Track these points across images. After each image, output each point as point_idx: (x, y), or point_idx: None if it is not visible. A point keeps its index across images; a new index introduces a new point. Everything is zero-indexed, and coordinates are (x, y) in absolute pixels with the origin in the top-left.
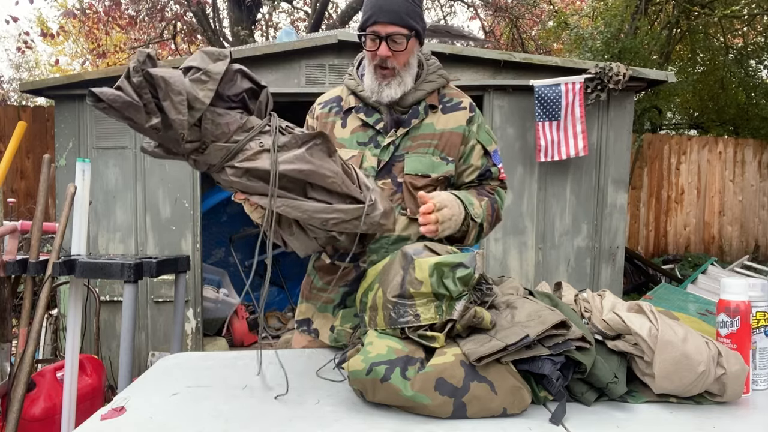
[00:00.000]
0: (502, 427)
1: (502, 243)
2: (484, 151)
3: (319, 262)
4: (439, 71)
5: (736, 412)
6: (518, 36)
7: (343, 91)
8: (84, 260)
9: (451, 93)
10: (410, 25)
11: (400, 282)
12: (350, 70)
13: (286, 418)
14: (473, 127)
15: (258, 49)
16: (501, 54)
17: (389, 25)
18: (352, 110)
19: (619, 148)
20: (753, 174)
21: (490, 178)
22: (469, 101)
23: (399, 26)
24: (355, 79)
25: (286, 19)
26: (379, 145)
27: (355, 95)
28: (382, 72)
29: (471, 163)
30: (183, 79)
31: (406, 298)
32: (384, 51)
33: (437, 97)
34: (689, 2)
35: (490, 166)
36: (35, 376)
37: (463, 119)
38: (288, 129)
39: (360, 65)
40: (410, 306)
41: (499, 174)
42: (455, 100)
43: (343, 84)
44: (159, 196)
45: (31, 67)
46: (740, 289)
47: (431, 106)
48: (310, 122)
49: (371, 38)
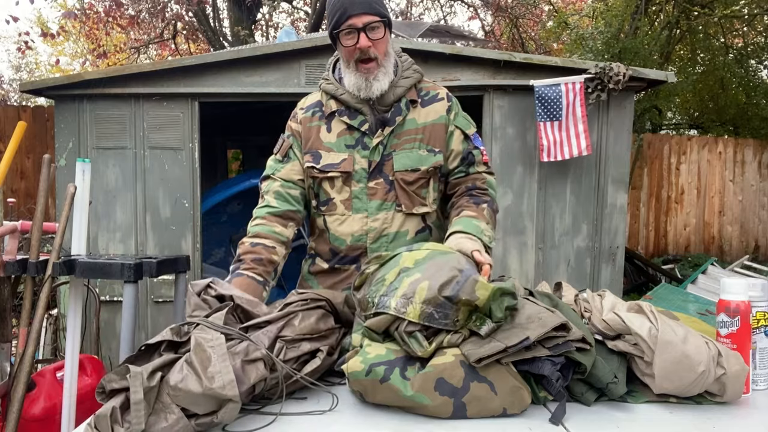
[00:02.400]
0: (502, 427)
1: (502, 243)
2: (464, 135)
3: (315, 267)
4: (413, 66)
5: (736, 412)
6: (518, 36)
7: (321, 96)
8: (84, 260)
9: (427, 86)
10: (382, 12)
11: (455, 286)
12: (326, 75)
13: (286, 419)
14: (451, 115)
15: (258, 49)
16: (501, 54)
17: (364, 15)
18: (334, 114)
19: (619, 148)
20: (753, 174)
21: (474, 162)
22: (445, 92)
23: (373, 14)
24: (333, 83)
25: (286, 19)
26: (367, 146)
27: (335, 99)
28: (365, 66)
29: (452, 149)
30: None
31: (454, 303)
32: (364, 42)
33: (415, 92)
34: (689, 2)
35: (472, 149)
36: (35, 376)
37: (442, 110)
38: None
39: (335, 69)
40: (454, 312)
41: (482, 156)
42: (432, 93)
43: (319, 89)
44: (159, 196)
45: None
46: (740, 289)
47: (411, 101)
48: (294, 126)
49: (347, 33)
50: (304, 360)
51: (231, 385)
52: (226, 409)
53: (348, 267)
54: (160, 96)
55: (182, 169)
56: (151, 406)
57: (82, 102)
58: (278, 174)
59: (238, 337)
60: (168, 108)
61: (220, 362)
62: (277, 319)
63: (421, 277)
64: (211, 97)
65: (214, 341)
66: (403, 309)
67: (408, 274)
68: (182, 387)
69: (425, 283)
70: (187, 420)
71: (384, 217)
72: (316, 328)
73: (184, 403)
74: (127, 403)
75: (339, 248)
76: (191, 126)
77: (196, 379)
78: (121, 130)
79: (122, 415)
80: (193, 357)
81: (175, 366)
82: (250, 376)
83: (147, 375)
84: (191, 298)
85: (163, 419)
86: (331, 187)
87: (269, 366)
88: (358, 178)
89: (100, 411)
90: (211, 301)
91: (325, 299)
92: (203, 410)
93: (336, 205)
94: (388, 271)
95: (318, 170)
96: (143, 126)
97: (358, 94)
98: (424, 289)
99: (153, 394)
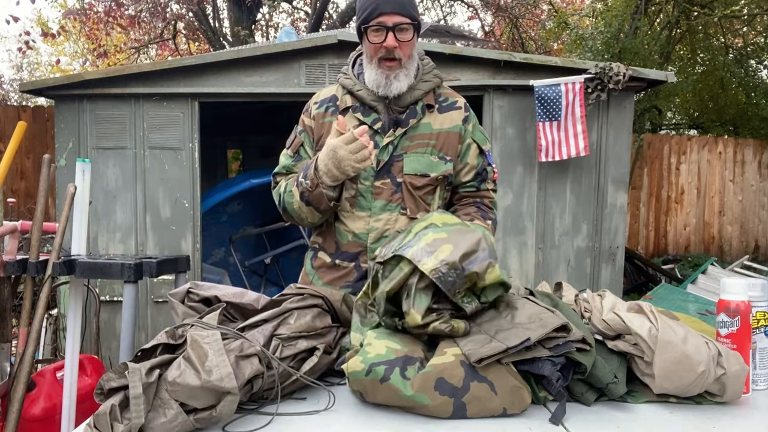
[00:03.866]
0: (502, 427)
1: (502, 243)
2: (480, 150)
3: (318, 261)
4: (434, 71)
5: (736, 412)
6: (518, 36)
7: (338, 90)
8: (84, 260)
9: (446, 93)
10: (414, 15)
11: (473, 260)
12: (345, 69)
13: (285, 419)
14: (468, 126)
15: (258, 49)
16: (501, 54)
17: (395, 15)
18: (348, 110)
19: (619, 148)
20: (753, 174)
21: (486, 180)
22: (463, 101)
23: (404, 16)
24: (352, 78)
25: (286, 19)
26: (378, 145)
27: (351, 94)
28: (387, 64)
29: (467, 162)
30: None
31: (465, 275)
32: (391, 41)
33: (433, 97)
34: (689, 2)
35: (486, 166)
36: (35, 376)
37: (459, 119)
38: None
39: (356, 64)
40: (461, 283)
41: (493, 174)
42: (450, 100)
43: (337, 83)
44: (159, 196)
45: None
46: (740, 289)
47: (428, 106)
48: (306, 121)
49: (376, 30)
50: (302, 358)
51: (229, 377)
52: (224, 402)
53: (347, 264)
54: (160, 96)
55: (182, 169)
56: (149, 402)
57: (82, 102)
58: (291, 171)
59: (233, 336)
60: (168, 108)
61: (217, 356)
62: (272, 318)
63: (447, 237)
64: (211, 97)
65: (210, 337)
66: (421, 259)
67: (435, 231)
68: (180, 381)
69: (449, 246)
70: (185, 415)
71: (387, 218)
72: (312, 326)
73: (182, 398)
74: (126, 401)
75: (341, 243)
76: (191, 126)
77: (194, 373)
78: (121, 130)
79: (121, 412)
80: (190, 353)
81: (173, 364)
82: (244, 371)
83: (145, 371)
84: (177, 308)
85: (161, 414)
86: None
87: (265, 363)
88: (365, 176)
89: (99, 410)
90: (198, 307)
91: (322, 297)
92: (202, 404)
93: (341, 201)
94: (415, 224)
95: None
96: (143, 126)
97: (376, 91)
98: (446, 250)
99: (152, 390)
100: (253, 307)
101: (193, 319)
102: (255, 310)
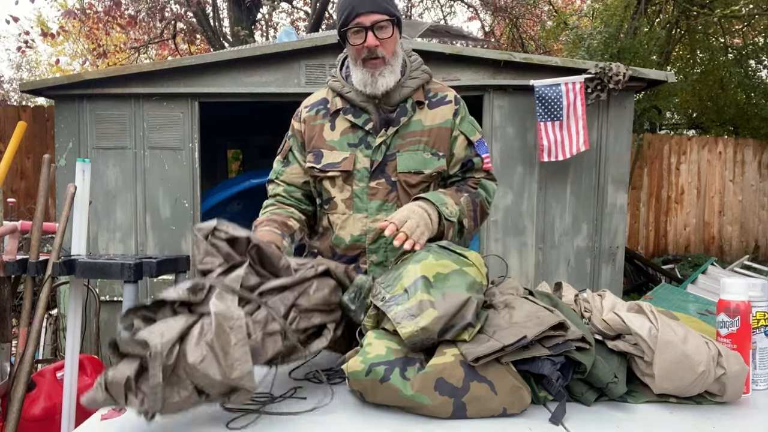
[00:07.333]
0: (502, 427)
1: (502, 243)
2: (468, 141)
3: None
4: (422, 67)
5: (736, 412)
6: (518, 36)
7: (328, 93)
8: (84, 260)
9: (435, 88)
10: (391, 11)
11: (451, 327)
12: (333, 72)
13: (286, 418)
14: (457, 119)
15: (258, 49)
16: (501, 54)
17: (372, 14)
18: (339, 112)
19: (619, 148)
20: (753, 174)
21: (473, 169)
22: (453, 94)
23: (381, 13)
24: (340, 80)
25: (286, 19)
26: (370, 145)
27: (341, 97)
28: (372, 63)
29: (454, 153)
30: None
31: (437, 339)
32: (372, 40)
33: (423, 93)
34: (689, 2)
35: (473, 157)
36: (35, 376)
37: (449, 113)
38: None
39: (343, 66)
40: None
41: (483, 164)
42: (440, 95)
43: (327, 86)
44: (159, 196)
45: (32, 67)
46: (740, 289)
47: (418, 103)
48: (296, 126)
49: (355, 31)
50: (312, 332)
51: (249, 377)
52: (238, 395)
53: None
54: (160, 96)
55: (182, 169)
56: (166, 377)
57: (82, 102)
58: (281, 178)
59: (255, 303)
60: (168, 108)
61: (240, 348)
62: (294, 286)
63: (434, 302)
64: (211, 97)
65: (235, 322)
66: (401, 322)
67: (425, 289)
68: (201, 369)
69: (433, 312)
70: (198, 397)
71: (384, 218)
72: (328, 300)
73: (200, 384)
74: (141, 370)
75: (338, 247)
76: (191, 126)
77: (217, 366)
78: (120, 130)
79: (136, 383)
80: (214, 340)
81: (191, 337)
82: (267, 349)
83: (166, 352)
84: (200, 244)
85: (176, 393)
86: (332, 186)
87: (284, 342)
88: (360, 177)
89: (113, 375)
90: (221, 245)
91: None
92: (217, 393)
93: (337, 204)
94: (406, 269)
95: (318, 170)
96: (143, 126)
97: (363, 90)
98: (428, 317)
99: (169, 369)
100: (279, 255)
101: (216, 276)
102: (280, 259)
